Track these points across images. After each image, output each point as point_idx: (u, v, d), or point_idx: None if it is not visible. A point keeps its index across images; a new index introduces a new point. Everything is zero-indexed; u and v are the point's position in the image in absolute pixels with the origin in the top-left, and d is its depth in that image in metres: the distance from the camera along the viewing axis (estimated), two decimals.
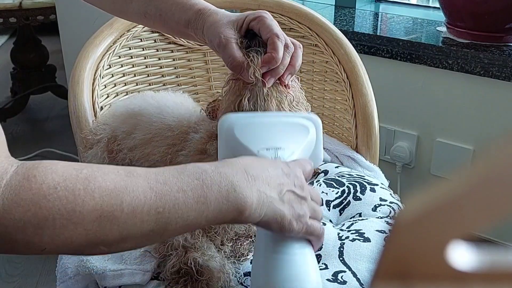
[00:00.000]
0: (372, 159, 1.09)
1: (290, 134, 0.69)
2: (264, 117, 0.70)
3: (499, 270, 0.24)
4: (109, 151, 0.87)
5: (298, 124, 0.70)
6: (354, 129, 1.09)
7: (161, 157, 0.81)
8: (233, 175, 0.55)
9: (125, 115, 0.88)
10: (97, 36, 1.02)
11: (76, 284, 0.80)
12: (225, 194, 0.53)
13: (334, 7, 1.92)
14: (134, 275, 0.76)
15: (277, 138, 0.68)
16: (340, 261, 0.78)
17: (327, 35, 1.10)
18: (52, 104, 2.85)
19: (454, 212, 0.23)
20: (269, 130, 0.69)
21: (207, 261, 0.72)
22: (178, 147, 0.81)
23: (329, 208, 0.92)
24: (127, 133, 0.86)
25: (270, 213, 0.57)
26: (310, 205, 0.61)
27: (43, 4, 2.34)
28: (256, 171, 0.57)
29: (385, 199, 0.92)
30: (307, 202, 0.61)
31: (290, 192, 0.59)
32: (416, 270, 0.24)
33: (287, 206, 0.58)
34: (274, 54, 0.70)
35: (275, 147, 0.67)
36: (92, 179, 0.47)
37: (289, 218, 0.58)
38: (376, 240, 0.81)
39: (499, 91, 1.45)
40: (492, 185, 0.23)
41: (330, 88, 1.13)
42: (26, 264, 1.73)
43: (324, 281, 0.74)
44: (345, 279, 0.74)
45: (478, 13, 1.46)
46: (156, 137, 0.83)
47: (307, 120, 0.71)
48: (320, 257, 0.79)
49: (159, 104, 0.87)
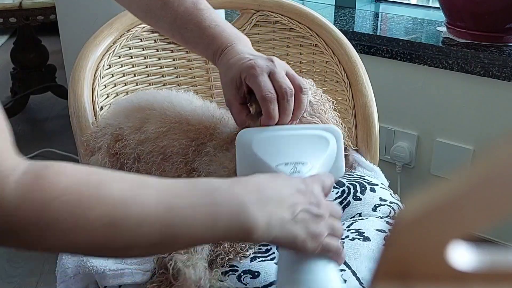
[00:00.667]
0: (372, 159, 1.08)
1: (310, 147, 0.67)
2: (282, 130, 0.68)
3: (499, 270, 0.24)
4: (110, 156, 0.87)
5: (318, 136, 0.68)
6: (354, 129, 1.09)
7: (182, 149, 0.80)
8: (245, 195, 0.54)
9: (130, 109, 0.88)
10: (97, 36, 1.02)
11: (76, 283, 0.80)
12: (235, 214, 0.52)
13: (334, 7, 1.92)
14: (134, 275, 0.76)
15: (296, 152, 0.66)
16: None
17: (327, 35, 1.10)
18: (52, 104, 2.85)
19: (454, 212, 0.23)
20: (288, 144, 0.67)
21: (186, 267, 0.71)
22: (204, 139, 0.80)
23: None
24: (134, 128, 0.85)
25: (281, 235, 0.55)
26: (328, 222, 0.59)
27: (43, 4, 2.34)
28: (270, 191, 0.56)
29: (385, 199, 0.92)
30: (324, 220, 0.58)
31: (304, 211, 0.57)
32: (416, 270, 0.24)
33: (300, 226, 0.56)
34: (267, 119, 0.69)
35: (294, 161, 0.65)
36: (103, 186, 0.47)
37: (302, 239, 0.56)
38: (376, 240, 0.81)
39: (499, 91, 1.45)
40: (492, 185, 0.23)
41: (330, 88, 1.13)
42: (26, 264, 1.73)
43: None
44: (344, 278, 0.74)
45: (478, 13, 1.46)
46: (173, 130, 0.82)
47: (326, 131, 0.68)
48: None
49: (170, 99, 0.87)
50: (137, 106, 0.88)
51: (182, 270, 0.70)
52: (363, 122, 1.07)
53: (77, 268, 0.79)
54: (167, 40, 1.11)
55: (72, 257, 0.82)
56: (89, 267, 0.78)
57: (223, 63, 0.75)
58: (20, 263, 1.74)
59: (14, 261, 1.75)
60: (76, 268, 0.80)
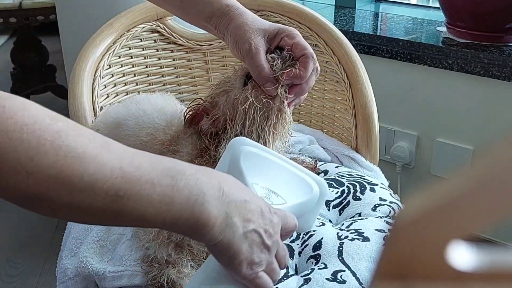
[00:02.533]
0: (372, 159, 1.09)
1: (293, 186, 0.65)
2: (278, 157, 0.66)
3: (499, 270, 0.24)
4: None
5: (305, 182, 0.66)
6: (354, 129, 1.09)
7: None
8: (208, 187, 0.51)
9: (111, 124, 0.87)
10: (97, 36, 1.02)
11: (76, 285, 0.80)
12: (191, 203, 0.49)
13: (334, 7, 1.92)
14: (134, 277, 0.76)
15: (278, 183, 0.64)
16: (339, 261, 0.78)
17: (327, 35, 1.10)
18: (52, 104, 2.85)
19: (454, 212, 0.23)
20: (274, 172, 0.65)
21: (180, 278, 0.72)
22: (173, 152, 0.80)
23: (329, 208, 0.92)
24: None
25: (226, 242, 0.52)
26: (270, 259, 0.56)
27: (43, 4, 2.34)
28: (234, 194, 0.53)
29: (385, 198, 0.92)
30: (269, 254, 0.55)
31: (256, 233, 0.53)
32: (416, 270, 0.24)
33: (246, 245, 0.53)
34: (303, 72, 0.69)
35: (271, 189, 0.63)
36: (64, 135, 0.44)
37: (241, 258, 0.53)
38: (375, 240, 0.81)
39: (499, 91, 1.45)
40: (492, 185, 0.23)
41: (330, 88, 1.13)
42: (26, 264, 1.73)
43: (324, 280, 0.74)
44: (344, 278, 0.74)
45: (478, 13, 1.46)
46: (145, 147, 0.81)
47: (316, 183, 0.66)
48: (320, 257, 0.80)
49: (138, 114, 0.85)
50: (115, 121, 0.87)
51: (177, 282, 0.72)
52: (363, 122, 1.07)
53: (77, 269, 0.79)
54: (167, 40, 1.11)
55: (72, 258, 0.82)
56: (88, 268, 0.78)
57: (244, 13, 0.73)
58: (20, 263, 1.74)
59: (14, 261, 1.75)
60: (76, 269, 0.80)
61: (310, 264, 0.80)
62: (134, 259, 0.78)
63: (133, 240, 0.81)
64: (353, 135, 1.09)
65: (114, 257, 0.79)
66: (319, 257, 0.80)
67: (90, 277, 0.79)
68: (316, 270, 0.77)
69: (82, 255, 0.80)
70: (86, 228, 0.86)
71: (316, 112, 1.18)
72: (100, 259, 0.79)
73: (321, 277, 0.75)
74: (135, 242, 0.80)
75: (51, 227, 1.87)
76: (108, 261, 0.79)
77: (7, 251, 1.79)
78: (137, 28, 1.07)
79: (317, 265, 0.79)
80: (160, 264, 0.74)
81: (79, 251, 0.82)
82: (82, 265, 0.79)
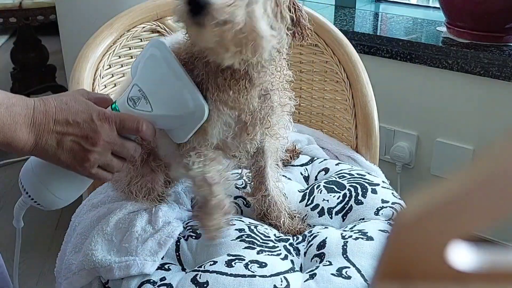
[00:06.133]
0: (372, 159, 1.09)
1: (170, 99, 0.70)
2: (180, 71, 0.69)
3: (499, 270, 0.24)
4: None
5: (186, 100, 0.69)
6: (354, 129, 1.09)
7: None
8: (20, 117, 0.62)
9: None
10: (97, 36, 1.02)
11: (80, 279, 0.80)
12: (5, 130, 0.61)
13: (334, 7, 1.92)
14: (143, 265, 0.77)
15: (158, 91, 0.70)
16: (344, 258, 0.78)
17: (327, 35, 1.10)
18: None
19: (454, 212, 0.23)
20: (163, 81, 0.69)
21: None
22: None
23: (331, 215, 0.91)
24: None
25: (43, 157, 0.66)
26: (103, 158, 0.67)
27: (43, 4, 2.34)
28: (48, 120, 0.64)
29: (387, 200, 0.92)
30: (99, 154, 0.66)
31: (74, 142, 0.65)
32: (416, 270, 0.24)
33: (66, 154, 0.65)
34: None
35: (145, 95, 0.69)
36: None
37: (66, 165, 0.66)
38: (379, 239, 0.82)
39: (499, 91, 1.45)
40: (492, 185, 0.23)
41: (330, 88, 1.13)
42: (26, 264, 1.73)
43: (329, 275, 0.75)
44: (349, 274, 0.75)
45: (478, 13, 1.46)
46: None
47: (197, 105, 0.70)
48: (324, 255, 0.80)
49: None
50: None
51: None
52: (363, 122, 1.07)
53: (82, 263, 0.80)
54: None
55: (76, 253, 0.83)
56: (94, 261, 0.78)
57: None
58: (20, 263, 1.74)
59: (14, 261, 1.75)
60: (81, 263, 0.80)
61: (315, 262, 0.81)
62: (142, 248, 0.79)
63: (139, 232, 0.82)
64: (353, 135, 1.09)
65: (120, 249, 0.80)
66: (323, 256, 0.80)
67: (95, 270, 0.79)
68: (321, 266, 0.78)
69: (87, 248, 0.81)
70: (91, 224, 0.86)
71: (316, 112, 1.18)
72: (106, 251, 0.80)
73: (326, 273, 0.76)
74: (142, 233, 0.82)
75: (51, 227, 1.87)
76: (114, 253, 0.79)
77: (7, 251, 1.79)
78: (137, 28, 1.07)
79: (321, 263, 0.79)
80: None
81: (84, 246, 0.83)
82: (87, 258, 0.79)
